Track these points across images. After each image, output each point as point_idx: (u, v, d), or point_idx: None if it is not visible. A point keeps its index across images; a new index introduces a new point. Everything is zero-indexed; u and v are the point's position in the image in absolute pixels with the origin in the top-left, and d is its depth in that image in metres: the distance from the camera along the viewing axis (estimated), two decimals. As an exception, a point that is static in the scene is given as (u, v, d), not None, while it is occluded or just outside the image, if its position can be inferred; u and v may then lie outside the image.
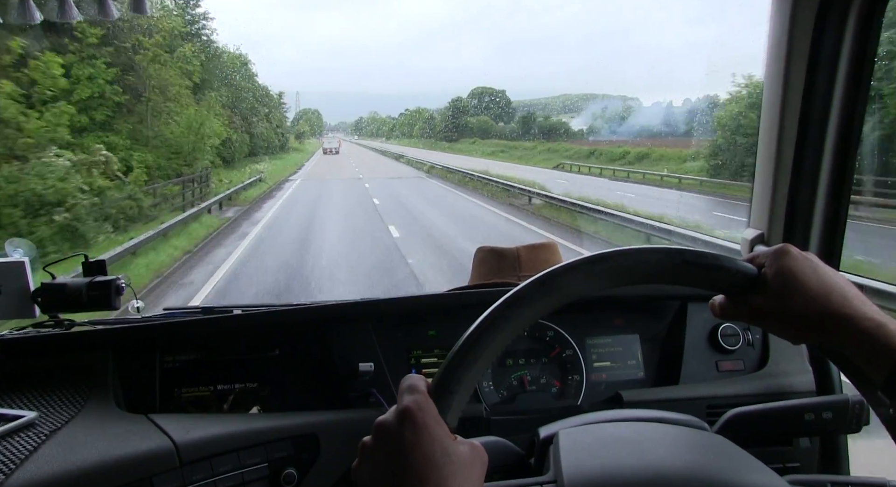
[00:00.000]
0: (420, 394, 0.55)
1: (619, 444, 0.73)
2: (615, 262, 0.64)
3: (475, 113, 54.08)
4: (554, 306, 0.62)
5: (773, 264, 0.65)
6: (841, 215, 1.28)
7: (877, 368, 0.59)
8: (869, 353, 0.60)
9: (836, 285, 0.64)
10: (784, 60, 1.26)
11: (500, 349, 0.60)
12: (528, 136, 42.56)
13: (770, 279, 0.65)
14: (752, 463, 0.70)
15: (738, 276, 0.66)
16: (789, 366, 1.31)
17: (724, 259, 0.66)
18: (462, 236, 12.00)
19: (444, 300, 1.36)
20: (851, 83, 1.18)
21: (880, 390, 0.59)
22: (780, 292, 0.64)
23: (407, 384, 0.57)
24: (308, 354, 1.24)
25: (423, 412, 0.53)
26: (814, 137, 1.27)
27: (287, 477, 1.05)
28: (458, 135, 52.57)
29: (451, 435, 0.54)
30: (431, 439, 0.52)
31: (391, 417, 0.54)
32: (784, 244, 0.67)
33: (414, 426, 0.53)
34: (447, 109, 56.31)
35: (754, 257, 0.68)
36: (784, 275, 0.64)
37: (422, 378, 0.57)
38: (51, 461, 0.89)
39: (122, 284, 1.31)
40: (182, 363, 1.21)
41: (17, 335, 1.22)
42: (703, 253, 0.66)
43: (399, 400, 0.55)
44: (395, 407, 0.55)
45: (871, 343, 0.60)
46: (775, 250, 0.66)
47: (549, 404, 1.27)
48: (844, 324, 0.61)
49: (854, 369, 0.62)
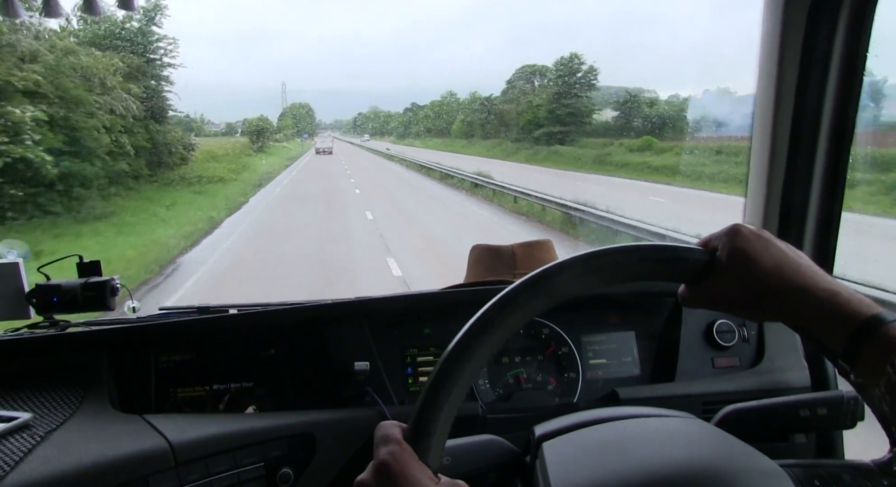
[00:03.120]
0: (395, 443, 0.54)
1: (604, 449, 0.73)
2: (577, 269, 0.63)
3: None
4: (517, 326, 0.61)
5: (725, 246, 0.65)
6: (835, 213, 1.28)
7: (834, 337, 0.59)
8: (826, 322, 0.60)
9: (788, 259, 0.63)
10: (777, 58, 1.26)
11: (473, 380, 0.59)
12: (631, 130, 27.59)
13: (724, 261, 0.64)
14: (742, 448, 0.70)
15: (694, 263, 0.65)
16: (785, 362, 1.31)
17: (679, 249, 0.65)
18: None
19: (440, 299, 1.36)
20: (844, 81, 1.18)
21: (840, 358, 0.59)
22: (734, 273, 0.64)
23: (380, 434, 0.56)
24: (304, 353, 1.24)
25: (399, 462, 0.53)
26: (807, 135, 1.27)
27: (283, 477, 1.05)
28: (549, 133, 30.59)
29: (434, 478, 0.54)
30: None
31: (369, 475, 0.54)
32: (735, 224, 0.66)
33: (392, 478, 0.52)
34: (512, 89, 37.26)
35: (707, 240, 0.67)
36: (737, 255, 0.64)
37: (395, 425, 0.57)
38: (46, 462, 0.89)
39: (117, 284, 1.31)
40: (177, 363, 1.21)
41: (11, 336, 1.22)
42: (658, 246, 0.66)
43: (375, 453, 0.55)
44: (372, 463, 0.55)
45: (826, 313, 0.59)
46: (726, 232, 0.65)
47: (545, 402, 1.27)
48: (799, 297, 0.61)
49: (818, 340, 0.62)
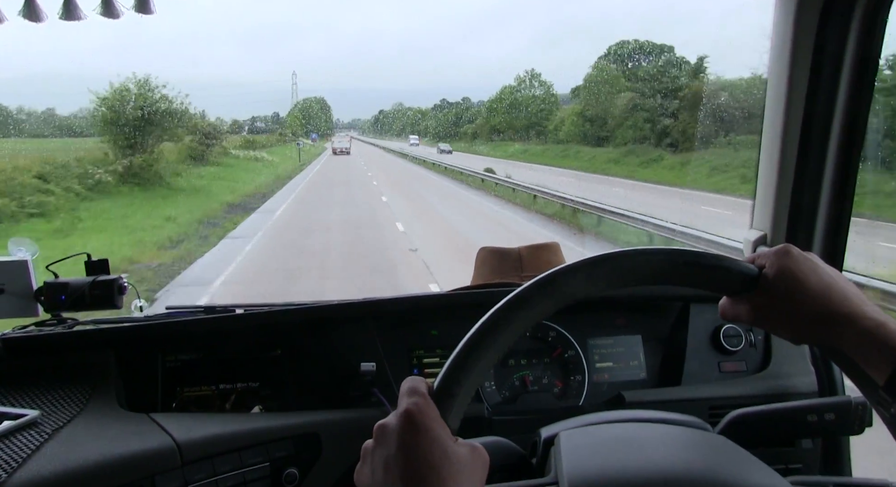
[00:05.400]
0: (421, 396, 0.55)
1: (620, 445, 0.73)
2: (617, 263, 0.63)
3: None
4: (555, 307, 0.62)
5: (773, 265, 0.65)
6: (844, 216, 1.27)
7: (878, 367, 0.59)
8: (869, 352, 0.60)
9: (836, 284, 0.64)
10: (788, 60, 1.25)
11: (502, 351, 0.59)
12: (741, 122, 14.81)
13: (771, 280, 0.65)
14: (754, 464, 0.70)
15: (738, 276, 0.66)
16: (792, 367, 1.31)
17: (725, 260, 0.66)
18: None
19: (447, 300, 1.36)
20: (855, 83, 1.18)
21: (882, 389, 0.59)
22: (780, 292, 0.64)
23: (407, 386, 0.56)
24: (310, 353, 1.24)
25: (423, 414, 0.53)
26: (817, 137, 1.27)
27: (288, 477, 1.05)
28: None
29: (453, 437, 0.54)
30: (432, 441, 0.52)
31: (392, 420, 0.54)
32: (785, 245, 0.67)
33: (414, 428, 0.53)
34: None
35: (755, 257, 0.68)
36: (785, 275, 0.64)
37: (423, 380, 0.57)
38: (53, 459, 0.90)
39: (125, 283, 1.32)
40: (184, 363, 1.21)
41: (19, 333, 1.23)
42: (703, 254, 0.66)
43: (400, 403, 0.55)
44: (395, 412, 0.55)
45: (871, 343, 0.60)
46: (776, 251, 0.66)
47: (551, 404, 1.27)
48: (845, 324, 0.61)
49: (856, 369, 0.62)
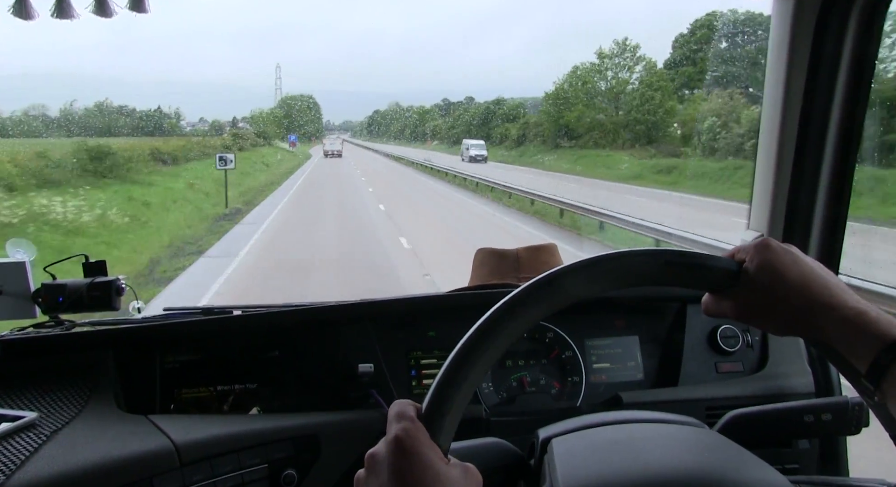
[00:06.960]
0: (409, 420, 0.55)
1: (613, 448, 0.73)
2: (602, 267, 0.64)
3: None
4: (538, 318, 0.62)
5: (753, 259, 0.65)
6: (841, 216, 1.28)
7: (859, 356, 0.59)
8: (852, 341, 0.60)
9: (817, 275, 0.64)
10: (785, 62, 1.26)
11: (491, 362, 0.59)
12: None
13: (752, 274, 0.65)
14: (751, 460, 0.70)
15: (720, 273, 0.66)
16: (789, 368, 1.31)
17: (706, 257, 0.66)
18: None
19: (444, 301, 1.36)
20: (852, 86, 1.18)
21: (864, 377, 0.59)
22: (762, 285, 0.64)
23: (395, 410, 0.56)
24: (308, 355, 1.24)
25: (412, 439, 0.53)
26: (814, 138, 1.27)
27: (287, 478, 1.05)
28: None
29: (444, 459, 0.54)
30: (423, 466, 0.52)
31: (381, 447, 0.54)
32: (764, 238, 0.67)
33: (404, 454, 0.52)
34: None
35: (735, 252, 0.68)
36: (765, 269, 0.64)
37: (410, 403, 0.57)
38: (51, 461, 0.89)
39: (123, 284, 1.32)
40: (182, 364, 1.21)
41: (17, 335, 1.22)
42: (685, 252, 0.66)
43: (389, 429, 0.55)
44: (384, 438, 0.55)
45: (853, 331, 0.60)
46: (756, 245, 0.66)
47: (549, 405, 1.27)
48: (826, 314, 0.62)
49: (840, 358, 0.62)
